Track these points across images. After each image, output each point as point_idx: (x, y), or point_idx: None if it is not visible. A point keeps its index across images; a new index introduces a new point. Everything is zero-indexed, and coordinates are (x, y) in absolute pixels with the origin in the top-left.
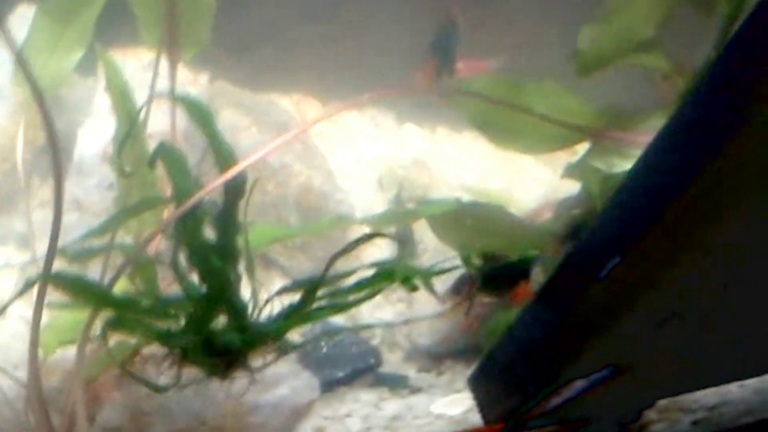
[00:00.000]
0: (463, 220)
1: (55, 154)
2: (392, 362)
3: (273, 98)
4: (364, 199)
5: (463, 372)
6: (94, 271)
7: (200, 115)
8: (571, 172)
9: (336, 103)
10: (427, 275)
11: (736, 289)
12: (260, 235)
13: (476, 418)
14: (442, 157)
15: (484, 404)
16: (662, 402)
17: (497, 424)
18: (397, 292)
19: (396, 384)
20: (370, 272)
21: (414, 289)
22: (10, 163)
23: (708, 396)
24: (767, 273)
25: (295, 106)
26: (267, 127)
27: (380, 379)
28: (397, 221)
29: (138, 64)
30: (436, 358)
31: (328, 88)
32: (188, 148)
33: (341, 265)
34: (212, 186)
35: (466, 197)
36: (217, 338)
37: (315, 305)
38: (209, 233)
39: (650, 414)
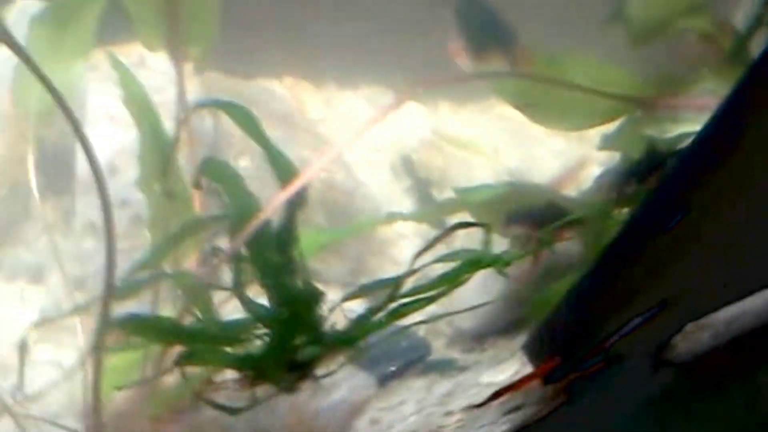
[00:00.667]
0: (506, 203)
1: (101, 184)
2: (438, 349)
3: (264, 84)
4: (380, 189)
5: (506, 345)
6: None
7: (249, 123)
8: (610, 142)
9: (331, 85)
10: (514, 258)
11: None
12: (309, 243)
13: None
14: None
15: (539, 362)
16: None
17: (547, 365)
18: None
19: (444, 367)
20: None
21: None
22: (5, 188)
23: (726, 311)
24: None
25: (288, 91)
26: (269, 119)
27: (429, 366)
28: (440, 214)
29: (128, 62)
30: (478, 338)
31: (320, 70)
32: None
33: (373, 264)
34: (276, 202)
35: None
36: (299, 354)
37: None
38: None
39: (676, 338)
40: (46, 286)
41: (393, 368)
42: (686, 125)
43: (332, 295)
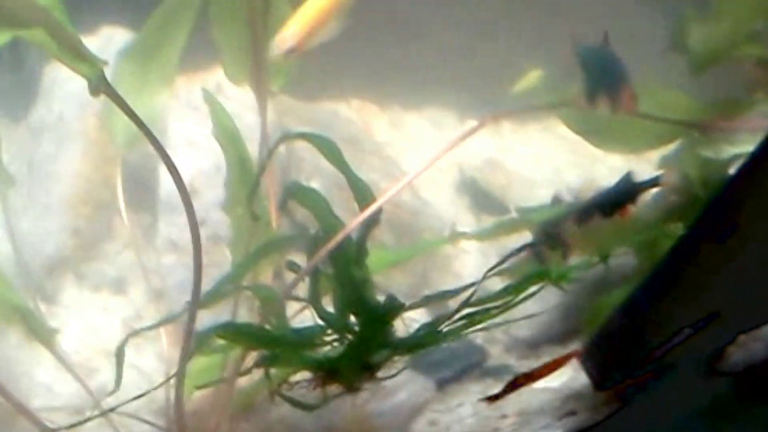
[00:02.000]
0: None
1: (187, 204)
2: (494, 356)
3: (332, 107)
4: (444, 208)
5: (560, 353)
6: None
7: (332, 152)
8: (669, 162)
9: (396, 106)
10: (578, 270)
11: None
12: (378, 261)
13: (577, 384)
14: (513, 154)
15: (592, 370)
16: (741, 336)
17: (566, 357)
18: None
19: (500, 373)
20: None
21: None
22: (90, 206)
23: None
24: None
25: (355, 113)
26: (338, 141)
27: (486, 371)
28: (504, 232)
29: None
30: (533, 346)
31: (385, 92)
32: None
33: (435, 279)
34: (357, 220)
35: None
36: (373, 358)
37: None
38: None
39: (730, 348)
40: (128, 298)
41: (451, 373)
42: (740, 146)
43: None
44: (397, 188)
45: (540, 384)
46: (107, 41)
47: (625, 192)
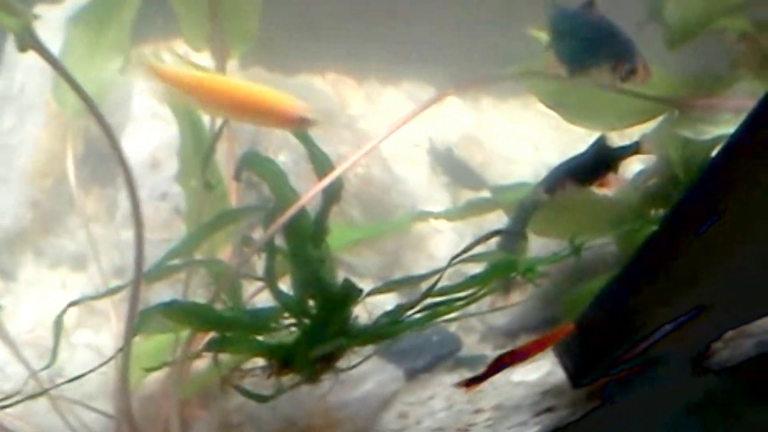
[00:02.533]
0: (541, 202)
1: (126, 171)
2: (469, 345)
3: (306, 80)
4: (419, 185)
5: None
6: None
7: None
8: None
9: (373, 80)
10: (549, 262)
11: None
12: (337, 237)
13: (555, 379)
14: (492, 131)
15: (570, 365)
16: (728, 333)
17: (555, 335)
18: None
19: (475, 363)
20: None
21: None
22: (51, 179)
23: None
24: None
25: (331, 86)
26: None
27: (460, 361)
28: (475, 213)
29: (171, 59)
30: (510, 335)
31: (361, 66)
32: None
33: (408, 259)
34: (312, 193)
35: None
36: (327, 345)
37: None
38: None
39: (717, 344)
40: (88, 274)
41: (422, 362)
42: (723, 127)
43: (364, 288)
44: (357, 158)
45: (517, 377)
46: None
47: (603, 158)
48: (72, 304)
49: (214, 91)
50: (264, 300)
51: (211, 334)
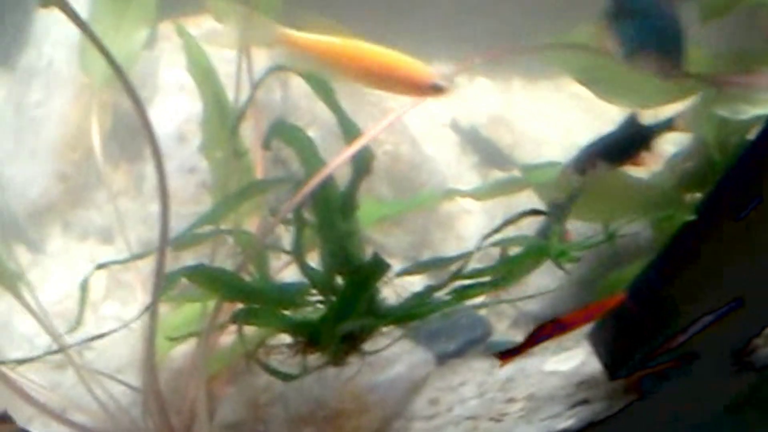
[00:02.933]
0: (571, 182)
1: (152, 140)
2: (501, 330)
3: None
4: (448, 164)
5: (572, 332)
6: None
7: (323, 90)
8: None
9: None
10: (580, 249)
11: None
12: (367, 213)
13: (590, 369)
14: (522, 112)
15: (605, 354)
16: None
17: (618, 297)
18: None
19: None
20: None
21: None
22: (79, 152)
23: None
24: None
25: None
26: (338, 90)
27: (491, 347)
28: (503, 192)
29: (198, 33)
30: (541, 322)
31: (393, 44)
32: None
33: (437, 238)
34: (340, 159)
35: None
36: (358, 324)
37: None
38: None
39: (757, 340)
40: (115, 247)
41: (453, 346)
42: (762, 106)
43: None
44: (382, 126)
45: (549, 366)
46: None
47: (635, 136)
48: (99, 267)
49: (345, 57)
50: (292, 275)
51: (236, 306)
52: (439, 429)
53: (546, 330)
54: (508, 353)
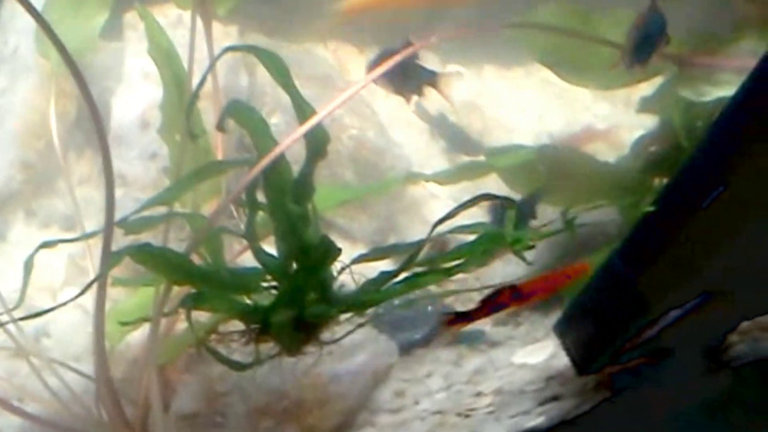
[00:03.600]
0: (537, 167)
1: (98, 124)
2: None
3: (307, 47)
4: (417, 150)
5: (541, 321)
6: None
7: (279, 70)
8: (648, 105)
9: (375, 48)
10: (538, 237)
11: None
12: (326, 198)
13: (560, 363)
14: (493, 99)
15: (572, 348)
16: (744, 324)
17: (581, 266)
18: None
19: (474, 340)
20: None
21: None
22: (43, 140)
23: None
24: None
25: (332, 54)
26: (309, 80)
27: (458, 337)
28: (467, 176)
29: (165, 22)
30: (511, 310)
31: (363, 34)
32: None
33: (402, 223)
34: (291, 139)
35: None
36: (308, 312)
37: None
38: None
39: (732, 337)
40: (77, 235)
41: (418, 335)
42: (725, 88)
43: (358, 252)
44: (333, 106)
45: (519, 358)
46: None
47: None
48: (44, 245)
49: None
50: (253, 261)
51: (187, 291)
52: (405, 423)
53: (503, 297)
54: (458, 317)
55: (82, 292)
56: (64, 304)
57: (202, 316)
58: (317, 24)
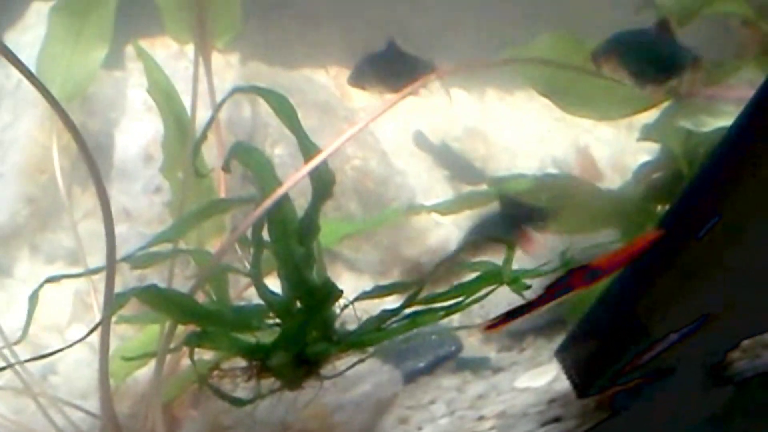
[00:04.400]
0: (538, 195)
1: (88, 159)
2: (472, 345)
3: (308, 74)
4: (420, 178)
5: (546, 347)
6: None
7: (283, 108)
8: (649, 133)
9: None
10: (533, 275)
11: None
12: (330, 233)
13: (562, 386)
14: (496, 124)
15: (573, 371)
16: (745, 342)
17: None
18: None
19: (478, 366)
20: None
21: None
22: (47, 175)
23: None
24: None
25: (332, 80)
26: (308, 108)
27: (462, 364)
28: (469, 205)
29: (167, 53)
30: (516, 336)
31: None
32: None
33: (407, 252)
34: (294, 180)
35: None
36: (309, 350)
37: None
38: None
39: (733, 354)
40: (81, 270)
41: (421, 364)
42: (724, 119)
43: (363, 283)
44: (335, 145)
45: (522, 383)
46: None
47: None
48: (48, 280)
49: None
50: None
51: (190, 329)
52: None
53: (574, 279)
54: (508, 317)
55: (88, 334)
56: (71, 345)
57: (207, 353)
58: None
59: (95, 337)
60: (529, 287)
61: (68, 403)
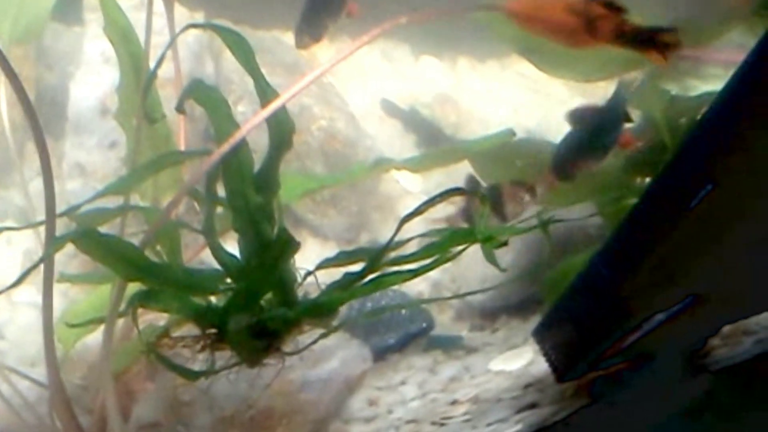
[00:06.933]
0: (512, 157)
1: (27, 107)
2: (444, 323)
3: (276, 35)
4: (389, 143)
5: (520, 327)
6: None
7: (241, 50)
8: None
9: (345, 37)
10: (512, 233)
11: None
12: (290, 188)
13: (538, 370)
14: (468, 92)
15: (552, 354)
16: (726, 328)
17: None
18: None
19: (450, 346)
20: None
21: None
22: None
23: None
24: None
25: None
26: (275, 67)
27: (433, 342)
28: (440, 163)
29: (128, 4)
30: (489, 314)
31: (337, 25)
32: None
33: (375, 220)
34: (252, 124)
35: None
36: (266, 315)
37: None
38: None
39: (714, 340)
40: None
41: (391, 341)
42: (711, 82)
43: (328, 251)
44: (296, 90)
45: (496, 366)
46: None
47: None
48: None
49: None
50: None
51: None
52: None
53: None
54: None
55: (19, 281)
56: None
57: (162, 320)
58: None
59: None
60: (505, 244)
61: (14, 371)
